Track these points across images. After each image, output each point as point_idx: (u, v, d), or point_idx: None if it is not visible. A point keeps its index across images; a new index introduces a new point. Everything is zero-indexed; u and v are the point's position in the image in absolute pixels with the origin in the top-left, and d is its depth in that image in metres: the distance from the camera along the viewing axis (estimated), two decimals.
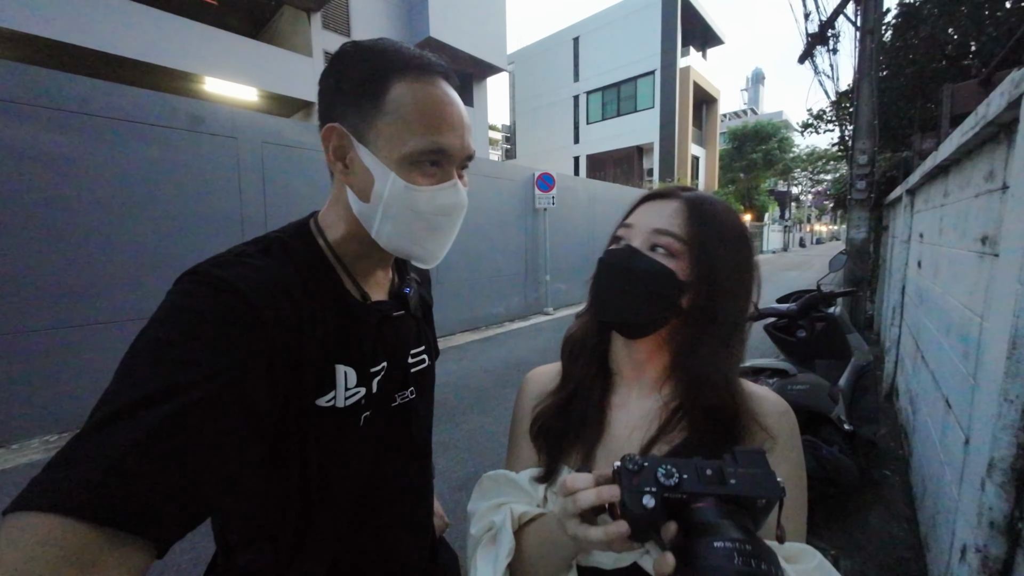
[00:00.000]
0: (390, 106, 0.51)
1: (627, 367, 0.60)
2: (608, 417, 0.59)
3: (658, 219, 0.56)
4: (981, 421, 1.13)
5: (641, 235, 0.56)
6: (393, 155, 0.52)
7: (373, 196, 0.54)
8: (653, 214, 0.57)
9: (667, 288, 0.53)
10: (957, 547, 1.18)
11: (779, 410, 0.55)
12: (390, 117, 0.52)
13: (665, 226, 0.55)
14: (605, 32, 18.89)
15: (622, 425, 0.58)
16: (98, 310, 3.16)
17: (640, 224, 0.57)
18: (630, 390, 0.60)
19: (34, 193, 2.89)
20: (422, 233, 0.58)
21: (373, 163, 0.53)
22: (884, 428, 2.84)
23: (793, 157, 25.70)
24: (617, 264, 0.55)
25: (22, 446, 2.86)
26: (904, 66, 6.30)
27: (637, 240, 0.56)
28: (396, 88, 0.52)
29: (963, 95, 3.27)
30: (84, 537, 0.29)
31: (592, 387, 0.61)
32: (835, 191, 11.68)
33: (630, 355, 0.60)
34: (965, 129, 1.51)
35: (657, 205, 0.58)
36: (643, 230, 0.56)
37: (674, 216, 0.55)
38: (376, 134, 0.53)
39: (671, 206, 0.56)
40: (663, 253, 0.54)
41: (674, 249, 0.54)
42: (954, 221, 1.87)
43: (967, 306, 1.50)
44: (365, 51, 0.53)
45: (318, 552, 0.56)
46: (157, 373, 0.37)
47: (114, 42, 6.35)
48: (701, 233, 0.54)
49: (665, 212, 0.56)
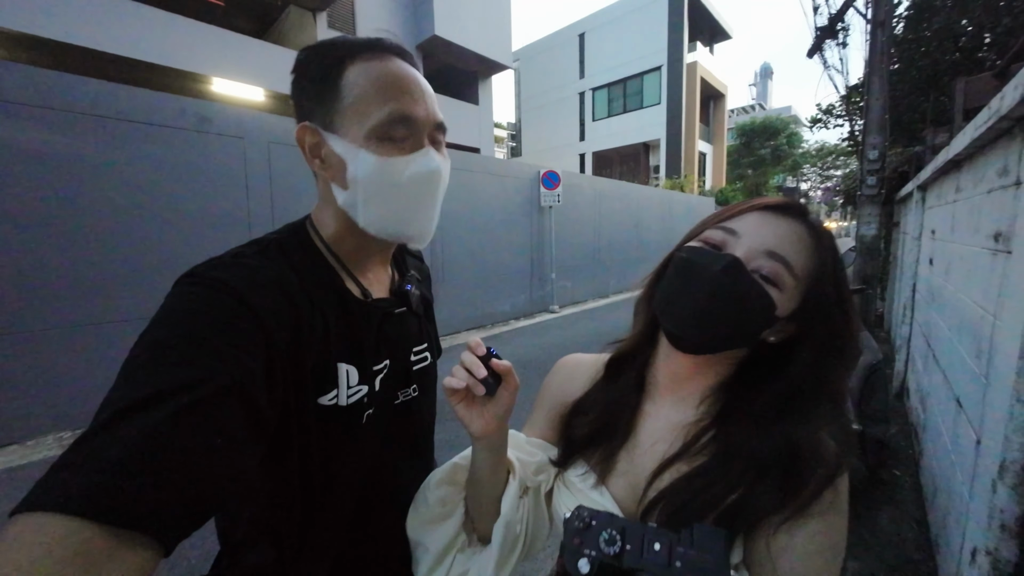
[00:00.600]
0: (347, 89, 0.53)
1: (665, 378, 0.57)
2: (636, 423, 0.57)
3: (775, 239, 0.48)
4: (993, 422, 1.11)
5: (749, 250, 0.48)
6: (360, 134, 0.53)
7: (349, 181, 0.55)
8: (768, 230, 0.48)
9: (759, 319, 0.47)
10: (967, 549, 1.16)
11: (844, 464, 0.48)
12: (349, 98, 0.53)
13: (782, 251, 0.47)
14: (611, 28, 18.74)
15: (648, 434, 0.56)
16: (110, 309, 3.20)
17: (750, 236, 0.49)
18: (664, 400, 0.57)
19: (47, 194, 2.93)
20: (405, 209, 0.57)
21: (343, 148, 0.54)
22: (894, 428, 2.80)
23: (802, 153, 25.37)
24: (710, 273, 0.47)
25: (38, 442, 2.91)
26: (916, 59, 6.19)
27: (741, 252, 0.48)
28: (350, 71, 0.53)
29: (977, 88, 3.20)
30: (91, 536, 0.30)
31: (626, 394, 0.59)
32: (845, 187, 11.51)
33: (671, 367, 0.56)
34: (978, 123, 1.48)
35: (774, 221, 0.49)
36: (753, 245, 0.48)
37: (796, 241, 0.48)
38: (340, 119, 0.54)
39: (793, 228, 0.48)
40: (767, 280, 0.46)
41: (782, 281, 0.47)
42: (966, 217, 1.83)
43: (979, 304, 1.48)
44: (319, 48, 0.55)
45: (321, 550, 0.56)
46: (157, 375, 0.38)
47: (124, 44, 6.42)
48: (818, 271, 0.47)
49: (784, 233, 0.48)
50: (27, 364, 2.91)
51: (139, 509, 0.32)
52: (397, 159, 0.54)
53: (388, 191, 0.55)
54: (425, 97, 0.56)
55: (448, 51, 10.50)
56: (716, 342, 0.50)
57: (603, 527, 0.37)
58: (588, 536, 0.37)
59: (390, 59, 0.55)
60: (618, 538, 0.36)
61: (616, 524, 0.37)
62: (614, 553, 0.36)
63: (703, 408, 0.54)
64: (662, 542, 0.36)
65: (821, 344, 0.48)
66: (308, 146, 0.56)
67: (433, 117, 0.57)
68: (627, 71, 18.44)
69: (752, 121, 25.10)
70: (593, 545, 0.36)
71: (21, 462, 2.68)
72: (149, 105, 3.39)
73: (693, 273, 0.49)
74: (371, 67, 0.53)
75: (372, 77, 0.53)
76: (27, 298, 2.89)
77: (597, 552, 0.36)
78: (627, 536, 0.36)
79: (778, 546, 0.44)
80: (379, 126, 0.53)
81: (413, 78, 0.56)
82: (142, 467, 0.33)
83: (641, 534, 0.36)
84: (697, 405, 0.54)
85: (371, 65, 0.54)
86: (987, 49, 5.42)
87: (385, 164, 0.54)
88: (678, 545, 0.35)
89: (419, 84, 0.56)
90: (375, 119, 0.53)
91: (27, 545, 0.28)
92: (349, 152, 0.54)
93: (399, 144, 0.55)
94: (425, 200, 0.58)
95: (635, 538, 0.36)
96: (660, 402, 0.58)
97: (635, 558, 0.35)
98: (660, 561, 0.35)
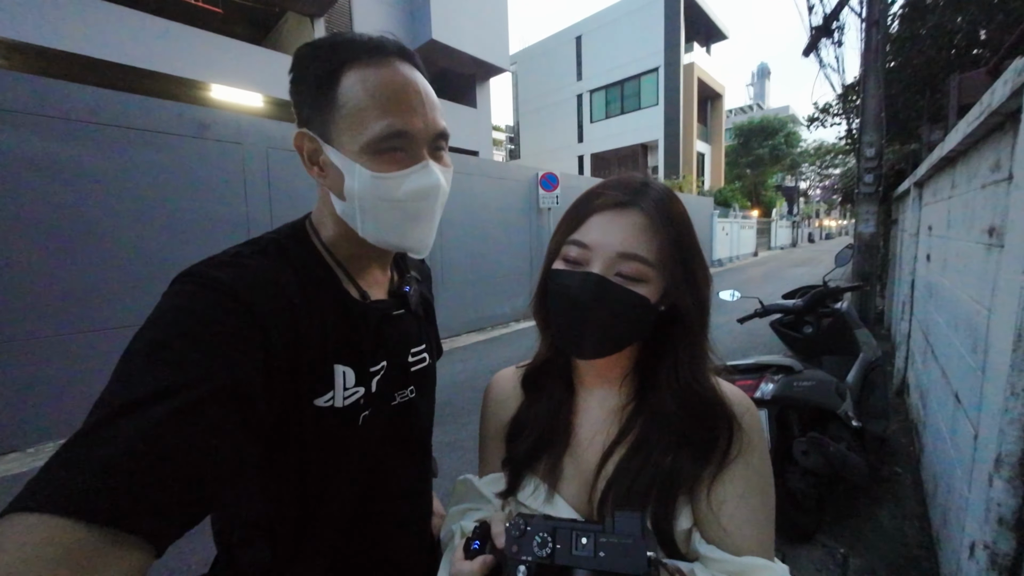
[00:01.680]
0: (343, 98, 0.51)
1: (588, 374, 0.60)
2: (572, 423, 0.59)
3: (622, 239, 0.49)
4: (989, 415, 1.11)
5: (603, 259, 0.50)
6: (355, 147, 0.52)
7: (347, 194, 0.54)
8: (614, 232, 0.50)
9: (642, 316, 0.51)
10: (966, 544, 1.16)
11: (744, 405, 0.53)
12: (345, 109, 0.51)
13: (633, 249, 0.49)
14: (608, 30, 18.81)
15: (585, 430, 0.58)
16: (111, 315, 3.21)
17: (600, 245, 0.50)
18: (591, 395, 0.60)
19: (48, 201, 2.94)
20: (403, 223, 0.56)
21: (340, 160, 0.53)
22: (895, 424, 2.80)
23: (800, 152, 25.40)
24: (583, 297, 0.50)
25: (38, 450, 2.91)
26: (912, 57, 6.21)
27: (598, 264, 0.50)
28: (347, 78, 0.51)
29: (971, 85, 3.21)
30: (82, 537, 0.29)
31: (557, 400, 0.60)
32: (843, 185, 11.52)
33: (592, 366, 0.59)
34: (971, 119, 1.48)
35: (616, 220, 0.50)
36: (605, 253, 0.50)
37: (640, 233, 0.49)
38: (337, 130, 0.52)
39: (632, 220, 0.50)
40: (631, 279, 0.49)
41: (643, 274, 0.49)
42: (961, 213, 1.84)
43: (975, 299, 1.48)
44: (317, 49, 0.53)
45: (316, 551, 0.56)
46: (152, 374, 0.37)
47: (123, 52, 6.45)
48: (668, 248, 0.50)
49: (627, 229, 0.50)
50: (28, 371, 2.92)
51: (131, 510, 0.31)
52: (394, 175, 0.52)
53: (385, 206, 0.54)
54: (425, 106, 0.53)
55: (446, 55, 10.54)
56: (612, 346, 0.53)
57: (536, 531, 0.39)
58: (523, 543, 0.39)
59: (390, 64, 0.52)
60: (549, 540, 0.38)
61: (548, 526, 0.39)
62: (547, 554, 0.37)
63: (626, 389, 0.58)
64: (588, 536, 0.38)
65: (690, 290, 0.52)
66: (307, 152, 0.56)
67: (433, 127, 0.54)
68: (624, 73, 18.51)
69: (750, 121, 25.17)
70: (528, 551, 0.38)
71: (22, 469, 2.68)
72: (148, 112, 3.40)
73: (567, 299, 0.52)
74: (368, 75, 0.51)
75: (369, 87, 0.51)
76: (28, 305, 2.89)
77: (532, 556, 0.38)
78: (557, 536, 0.38)
79: (716, 500, 0.49)
80: (374, 141, 0.51)
81: (412, 86, 0.53)
82: (135, 468, 0.32)
83: (570, 531, 0.38)
84: (620, 388, 0.58)
85: (368, 73, 0.51)
86: (983, 46, 5.44)
87: (381, 180, 0.52)
88: (602, 536, 0.38)
89: (419, 92, 0.53)
90: (370, 134, 0.51)
91: (17, 546, 0.28)
92: (345, 165, 0.53)
93: (397, 158, 0.53)
94: (424, 214, 0.57)
95: (565, 537, 0.38)
96: (589, 397, 0.60)
97: (565, 555, 0.37)
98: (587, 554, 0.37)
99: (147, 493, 0.32)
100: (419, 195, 0.55)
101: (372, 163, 0.52)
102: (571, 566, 0.37)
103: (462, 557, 0.46)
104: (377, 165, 0.52)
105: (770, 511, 0.51)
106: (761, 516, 0.50)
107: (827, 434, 1.86)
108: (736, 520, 0.48)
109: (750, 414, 0.53)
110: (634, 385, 0.57)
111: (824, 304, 2.38)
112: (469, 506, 0.61)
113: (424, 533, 0.72)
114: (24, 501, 0.30)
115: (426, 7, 9.88)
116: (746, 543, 0.47)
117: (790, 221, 30.95)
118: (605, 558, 0.36)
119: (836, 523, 1.97)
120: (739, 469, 0.50)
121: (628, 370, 0.58)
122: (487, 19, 10.97)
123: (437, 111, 0.56)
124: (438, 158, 0.57)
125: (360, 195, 0.53)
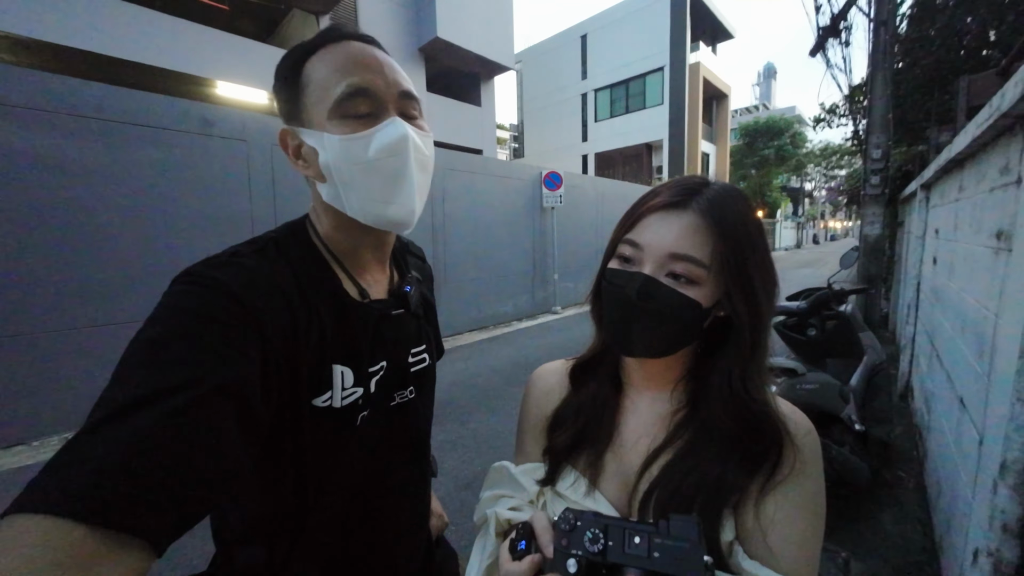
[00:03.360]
0: (306, 79, 0.54)
1: (638, 376, 0.59)
2: (617, 423, 0.58)
3: (673, 240, 0.48)
4: (994, 421, 1.10)
5: (655, 259, 0.49)
6: (322, 117, 0.53)
7: (323, 169, 0.55)
8: (665, 232, 0.49)
9: (693, 319, 0.49)
10: (970, 550, 1.15)
11: (805, 428, 0.51)
12: (309, 88, 0.54)
13: (684, 250, 0.48)
14: (613, 29, 18.73)
15: (631, 431, 0.57)
16: (115, 311, 3.23)
17: (652, 245, 0.49)
18: (640, 396, 0.59)
19: (54, 196, 2.96)
20: (383, 188, 0.55)
21: (312, 137, 0.54)
22: (899, 428, 2.78)
23: (806, 152, 25.24)
24: (633, 298, 0.49)
25: (43, 443, 2.94)
26: (921, 57, 6.15)
27: (650, 265, 0.49)
28: (309, 64, 0.54)
29: (980, 86, 3.18)
30: (81, 539, 0.29)
31: (603, 396, 0.60)
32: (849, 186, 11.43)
33: (642, 367, 0.58)
34: (979, 121, 1.47)
35: (669, 220, 0.49)
36: (657, 253, 0.49)
37: (693, 235, 0.48)
38: (306, 112, 0.54)
39: (686, 221, 0.49)
40: (683, 281, 0.48)
41: (696, 275, 0.48)
42: (969, 216, 1.82)
43: (982, 303, 1.46)
44: (288, 51, 0.56)
45: (313, 551, 0.56)
46: (150, 374, 0.37)
47: (132, 49, 6.48)
48: (724, 250, 0.48)
49: (680, 230, 0.49)
50: (33, 366, 2.94)
51: (131, 511, 0.31)
52: (361, 134, 0.53)
53: (359, 171, 0.54)
54: (384, 69, 0.55)
55: (450, 53, 10.53)
56: (663, 350, 0.52)
57: (588, 527, 0.38)
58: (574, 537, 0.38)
59: (347, 42, 0.55)
60: (601, 536, 0.38)
61: (600, 523, 0.39)
62: (598, 550, 0.37)
63: (677, 396, 0.56)
64: (642, 535, 0.37)
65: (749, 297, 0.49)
66: (291, 149, 0.57)
67: (395, 86, 0.55)
68: (629, 72, 18.42)
69: (756, 121, 25.02)
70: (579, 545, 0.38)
71: (28, 463, 2.70)
72: (153, 108, 3.42)
73: (618, 301, 0.51)
74: (327, 53, 0.54)
75: (327, 61, 0.53)
76: (33, 300, 2.91)
77: (583, 551, 0.37)
78: (610, 533, 0.38)
79: (765, 516, 0.47)
80: (337, 103, 0.52)
81: (370, 54, 0.55)
82: (134, 469, 0.32)
83: (622, 529, 0.38)
84: (671, 394, 0.57)
85: (327, 52, 0.54)
86: (992, 47, 5.38)
87: (349, 141, 0.53)
88: (656, 536, 0.37)
89: (377, 58, 0.55)
90: (333, 96, 0.52)
91: (17, 547, 0.28)
92: (316, 138, 0.54)
93: (363, 120, 0.53)
94: (402, 173, 0.56)
95: (617, 534, 0.38)
96: (638, 398, 0.59)
97: (618, 553, 0.37)
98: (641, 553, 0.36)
99: (146, 494, 0.32)
100: (389, 151, 0.54)
101: (339, 128, 0.53)
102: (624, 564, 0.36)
103: (509, 559, 0.45)
104: (344, 128, 0.53)
105: (819, 537, 0.49)
106: (810, 541, 0.48)
107: (830, 438, 1.84)
108: (784, 541, 0.47)
109: (811, 437, 0.51)
110: (687, 392, 0.55)
111: (828, 307, 2.36)
112: (502, 492, 0.60)
113: (422, 533, 0.72)
114: (23, 503, 0.30)
115: (431, 5, 9.87)
116: (791, 565, 0.46)
117: (795, 222, 30.78)
118: (659, 559, 0.36)
119: (838, 527, 1.96)
120: (792, 490, 0.48)
121: (681, 376, 0.56)
122: (492, 17, 10.95)
123: (399, 74, 0.57)
124: (410, 119, 0.58)
125: (335, 165, 0.54)
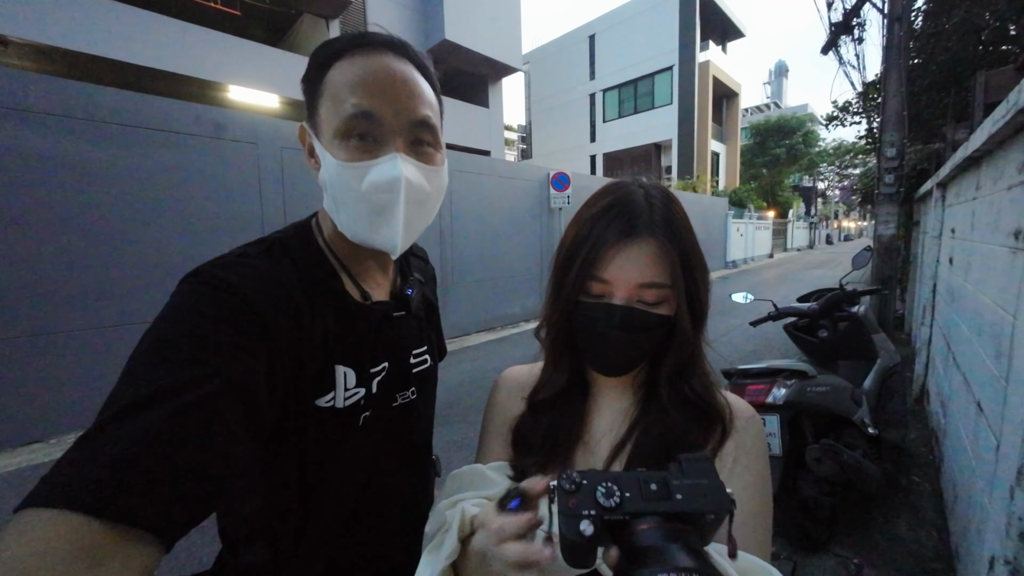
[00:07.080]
0: (326, 87, 0.52)
1: (603, 381, 0.61)
2: (585, 419, 0.59)
3: (639, 272, 0.50)
4: (1012, 425, 1.07)
5: (625, 290, 0.51)
6: (329, 134, 0.52)
7: (322, 183, 0.55)
8: (631, 267, 0.50)
9: (664, 333, 0.54)
10: (986, 558, 1.12)
11: (747, 414, 0.55)
12: (324, 96, 0.52)
13: (651, 278, 0.51)
14: (621, 29, 18.66)
15: (598, 427, 0.58)
16: (129, 311, 3.29)
17: (620, 280, 0.51)
18: (606, 393, 0.61)
19: (69, 199, 3.03)
20: (369, 217, 0.54)
21: (319, 150, 0.54)
22: (913, 432, 2.72)
23: (819, 151, 24.86)
24: (613, 332, 0.52)
25: (60, 440, 3.00)
26: (936, 53, 6.02)
27: (620, 296, 0.51)
28: (333, 69, 0.52)
29: (998, 82, 3.11)
30: (93, 532, 0.30)
31: (572, 395, 0.60)
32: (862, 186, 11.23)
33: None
34: (996, 118, 1.43)
35: (630, 253, 0.51)
36: (626, 286, 0.51)
37: (656, 262, 0.51)
38: (320, 120, 0.53)
39: (647, 251, 0.51)
40: (652, 303, 0.52)
41: (663, 296, 0.52)
42: (986, 215, 1.78)
43: (999, 304, 1.43)
44: (318, 48, 0.54)
45: (315, 550, 0.56)
46: (159, 372, 0.38)
47: (147, 55, 6.63)
48: (680, 262, 0.52)
49: (644, 259, 0.51)
50: (50, 364, 3.01)
51: (141, 506, 0.32)
52: (357, 165, 0.51)
53: (351, 197, 0.53)
54: (401, 93, 0.52)
55: (458, 54, 10.58)
56: (639, 362, 0.56)
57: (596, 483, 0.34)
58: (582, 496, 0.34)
59: (375, 54, 0.52)
60: (616, 489, 0.34)
61: (609, 476, 0.35)
62: (615, 504, 0.33)
63: (635, 389, 0.60)
64: (658, 481, 0.35)
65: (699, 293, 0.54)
66: (307, 148, 0.57)
67: (408, 115, 0.53)
68: (638, 72, 18.34)
69: (767, 120, 24.74)
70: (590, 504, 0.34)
71: (44, 459, 2.77)
72: (166, 113, 3.48)
73: (599, 332, 0.53)
74: (351, 64, 0.51)
75: (347, 73, 0.51)
76: (52, 300, 2.98)
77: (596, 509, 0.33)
78: (622, 485, 0.34)
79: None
80: (341, 126, 0.51)
81: (391, 72, 0.51)
82: (144, 464, 0.33)
83: (636, 479, 0.35)
84: (632, 385, 0.60)
85: (351, 62, 0.52)
86: (1010, 42, 5.25)
87: (344, 169, 0.51)
88: (673, 479, 0.35)
89: (396, 79, 0.51)
90: (339, 117, 0.51)
91: (31, 540, 0.29)
92: (322, 153, 0.54)
93: (366, 146, 0.52)
94: (390, 208, 0.53)
95: (631, 485, 0.34)
96: (601, 399, 0.61)
97: (637, 502, 0.33)
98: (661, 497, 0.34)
99: (155, 489, 0.33)
100: (382, 189, 0.52)
101: (340, 150, 0.52)
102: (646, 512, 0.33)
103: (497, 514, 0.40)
104: (345, 152, 0.52)
105: (769, 515, 0.52)
106: (760, 520, 0.51)
107: (841, 441, 1.81)
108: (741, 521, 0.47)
109: (753, 421, 0.55)
110: (645, 385, 0.59)
111: (840, 308, 2.32)
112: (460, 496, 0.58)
113: (422, 533, 0.72)
114: (37, 497, 0.31)
115: (439, 7, 9.93)
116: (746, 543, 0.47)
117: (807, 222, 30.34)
118: (683, 500, 0.33)
119: (850, 532, 1.92)
120: (739, 473, 0.52)
121: (642, 373, 0.59)
122: (500, 19, 10.98)
123: (418, 100, 0.53)
124: (420, 153, 0.55)
125: (331, 184, 0.54)
